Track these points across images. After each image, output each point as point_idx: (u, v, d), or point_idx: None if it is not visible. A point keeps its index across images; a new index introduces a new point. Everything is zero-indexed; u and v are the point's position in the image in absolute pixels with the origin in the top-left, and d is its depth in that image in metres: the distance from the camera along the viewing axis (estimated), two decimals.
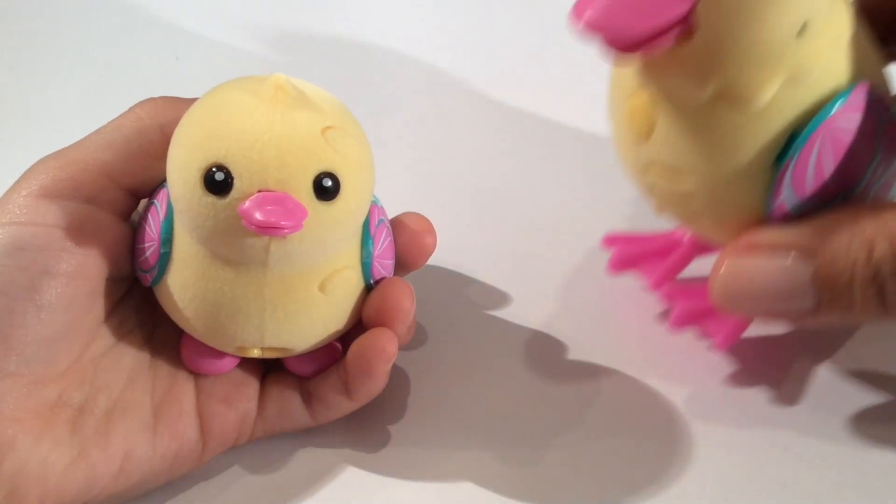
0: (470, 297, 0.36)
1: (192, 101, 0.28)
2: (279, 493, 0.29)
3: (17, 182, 0.28)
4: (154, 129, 0.28)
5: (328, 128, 0.26)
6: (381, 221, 0.30)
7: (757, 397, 0.31)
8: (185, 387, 0.29)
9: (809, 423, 0.30)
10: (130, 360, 0.29)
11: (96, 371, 0.28)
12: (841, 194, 0.26)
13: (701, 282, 0.31)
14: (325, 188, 0.26)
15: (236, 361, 0.30)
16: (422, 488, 0.29)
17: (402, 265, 0.32)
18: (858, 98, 0.25)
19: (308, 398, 0.30)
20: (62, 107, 0.47)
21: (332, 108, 0.27)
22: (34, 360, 0.26)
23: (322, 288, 0.28)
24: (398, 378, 0.33)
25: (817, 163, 0.25)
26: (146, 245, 0.28)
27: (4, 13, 0.53)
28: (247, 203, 0.25)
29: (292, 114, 0.26)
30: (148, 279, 0.28)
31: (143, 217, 0.29)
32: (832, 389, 0.31)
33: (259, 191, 0.25)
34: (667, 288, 0.33)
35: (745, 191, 0.26)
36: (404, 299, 0.29)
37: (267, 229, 0.25)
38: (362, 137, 0.28)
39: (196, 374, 0.30)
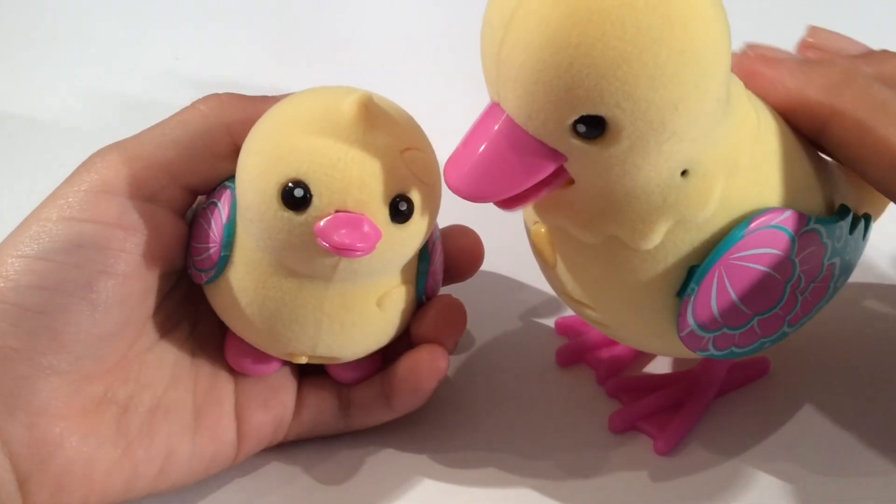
0: (521, 302, 0.36)
1: (257, 99, 0.28)
2: (327, 494, 0.29)
3: (76, 174, 0.27)
4: (220, 128, 0.28)
5: (407, 149, 0.26)
6: (437, 238, 0.30)
7: (762, 398, 0.32)
8: (225, 388, 0.29)
9: (812, 421, 0.31)
10: (173, 357, 0.29)
11: (141, 368, 0.28)
12: (758, 315, 0.26)
13: (645, 377, 0.32)
14: (401, 211, 0.26)
15: (280, 364, 0.30)
16: (471, 493, 0.29)
17: (450, 277, 0.32)
18: (758, 229, 0.24)
19: (346, 404, 0.30)
20: (63, 106, 0.46)
21: (410, 128, 0.27)
22: (84, 358, 0.26)
23: (380, 304, 0.28)
24: (443, 382, 0.32)
25: (720, 296, 0.25)
26: (208, 245, 0.28)
27: (4, 13, 0.52)
28: (323, 222, 0.25)
29: (374, 134, 0.25)
30: (203, 278, 0.28)
31: (203, 216, 0.28)
32: (833, 391, 0.32)
33: (337, 210, 0.25)
34: (611, 384, 0.32)
35: (651, 322, 0.26)
36: (459, 318, 0.30)
37: (342, 251, 0.25)
38: (434, 157, 0.28)
39: (236, 375, 0.30)
